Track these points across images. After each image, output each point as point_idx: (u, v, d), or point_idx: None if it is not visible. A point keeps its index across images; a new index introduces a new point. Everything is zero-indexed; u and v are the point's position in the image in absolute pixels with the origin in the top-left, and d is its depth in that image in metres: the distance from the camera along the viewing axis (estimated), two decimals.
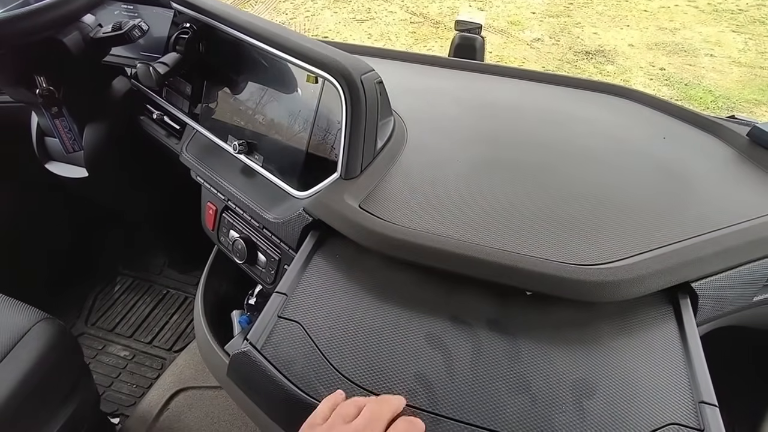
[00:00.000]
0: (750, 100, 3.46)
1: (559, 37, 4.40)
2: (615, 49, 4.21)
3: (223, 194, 0.76)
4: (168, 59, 0.74)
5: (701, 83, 3.69)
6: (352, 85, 0.58)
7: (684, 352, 0.48)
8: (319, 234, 0.59)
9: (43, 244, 1.25)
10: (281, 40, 0.64)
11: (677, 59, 4.01)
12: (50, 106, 0.79)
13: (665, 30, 4.48)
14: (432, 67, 0.94)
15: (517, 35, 4.47)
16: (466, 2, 5.02)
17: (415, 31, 4.54)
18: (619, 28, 4.54)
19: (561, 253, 0.53)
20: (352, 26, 4.63)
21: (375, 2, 4.96)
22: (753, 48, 4.04)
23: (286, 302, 0.51)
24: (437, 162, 0.67)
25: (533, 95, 0.85)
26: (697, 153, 0.71)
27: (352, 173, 0.61)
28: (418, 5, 4.93)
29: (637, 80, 3.79)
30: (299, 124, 0.67)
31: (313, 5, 4.88)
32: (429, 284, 0.54)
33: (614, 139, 0.74)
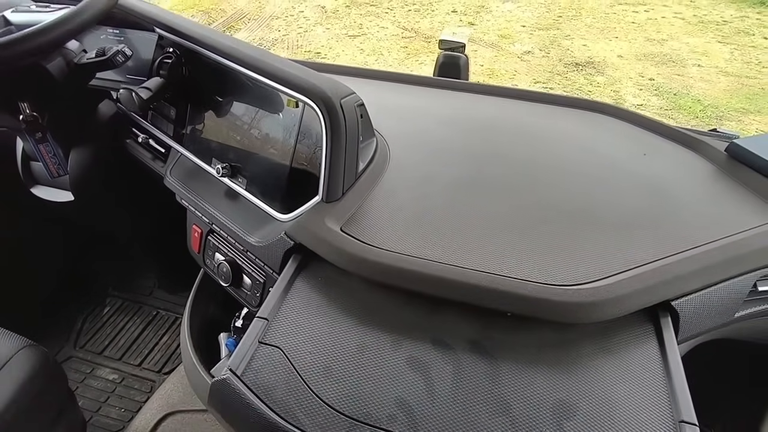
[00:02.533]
0: (738, 109, 3.50)
1: (549, 50, 4.45)
2: (605, 61, 4.26)
3: (207, 217, 0.76)
4: (151, 84, 0.74)
5: (690, 93, 3.74)
6: (331, 110, 0.58)
7: (665, 372, 0.48)
8: (300, 257, 0.59)
9: (32, 267, 1.24)
10: (263, 65, 0.65)
11: (666, 69, 4.07)
12: (34, 132, 0.79)
13: (653, 41, 4.54)
14: (415, 86, 0.95)
15: (507, 48, 4.52)
16: (456, 17, 5.08)
17: (407, 45, 4.58)
18: (608, 40, 4.60)
19: (541, 273, 0.53)
20: (345, 42, 4.67)
21: (367, 18, 5.01)
22: (739, 58, 4.10)
23: (267, 327, 0.51)
24: (420, 182, 0.67)
25: (516, 113, 0.86)
26: (677, 169, 0.72)
27: (334, 196, 0.61)
28: (409, 21, 4.98)
29: (627, 90, 3.83)
30: (281, 148, 0.68)
31: (306, 22, 4.93)
32: (410, 307, 0.54)
33: (594, 156, 0.74)
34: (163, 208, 1.15)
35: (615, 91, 3.85)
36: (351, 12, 5.10)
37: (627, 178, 0.69)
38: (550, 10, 5.12)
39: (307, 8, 5.14)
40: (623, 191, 0.67)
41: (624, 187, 0.68)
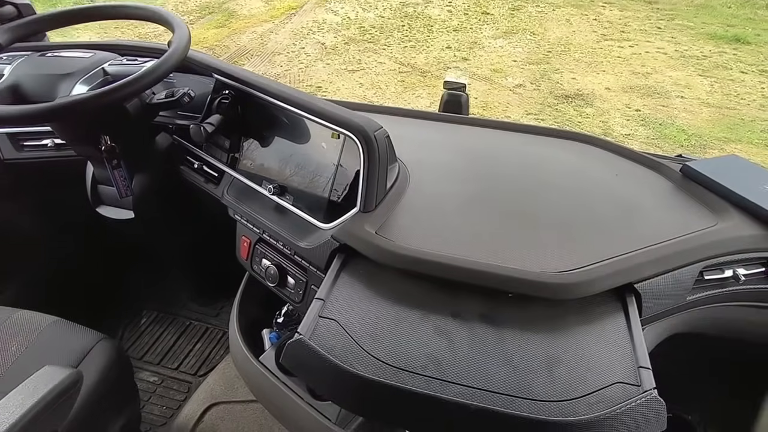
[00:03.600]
0: (720, 138, 3.70)
1: (539, 83, 4.67)
2: (593, 93, 4.47)
3: (258, 228, 0.91)
4: (213, 120, 0.91)
5: (675, 123, 3.94)
6: (368, 140, 0.75)
7: (629, 336, 0.63)
8: (344, 255, 0.75)
9: (81, 280, 1.39)
10: (309, 105, 0.82)
11: (651, 101, 4.28)
12: (111, 160, 0.95)
13: (638, 74, 4.77)
14: (425, 121, 1.12)
15: (500, 82, 4.73)
16: (451, 53, 5.33)
17: (404, 80, 4.78)
18: (595, 74, 4.83)
19: (535, 264, 0.69)
20: (344, 76, 4.88)
21: (365, 54, 5.25)
22: (719, 90, 4.34)
23: (323, 306, 0.66)
24: (434, 198, 0.83)
25: (509, 142, 1.03)
26: (640, 186, 0.88)
27: (369, 207, 0.77)
28: (405, 56, 5.21)
29: (615, 121, 4.03)
30: (323, 170, 0.84)
31: (306, 57, 5.15)
32: (432, 290, 0.69)
33: (575, 176, 0.91)
34: (201, 230, 1.31)
35: (603, 122, 4.05)
36: (350, 48, 5.34)
37: (601, 192, 0.86)
38: (539, 46, 5.40)
39: (308, 45, 5.38)
40: (598, 203, 0.84)
41: (598, 199, 0.84)
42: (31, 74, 0.88)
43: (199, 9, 6.17)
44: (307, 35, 5.49)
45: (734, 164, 0.93)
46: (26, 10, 1.09)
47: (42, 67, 0.90)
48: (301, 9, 6.17)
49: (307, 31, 5.58)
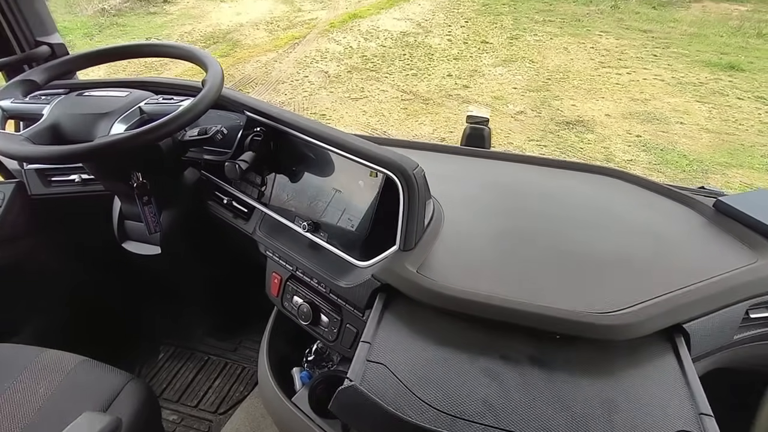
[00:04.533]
0: (721, 163, 3.74)
1: (540, 110, 4.74)
2: (593, 119, 4.53)
3: (291, 265, 0.91)
4: (247, 157, 0.91)
5: (675, 148, 3.99)
6: (408, 179, 0.75)
7: (683, 377, 0.62)
8: (386, 295, 0.74)
9: (100, 316, 1.37)
10: (344, 143, 0.82)
11: (651, 127, 4.34)
12: (143, 196, 0.95)
13: (637, 101, 4.86)
14: (449, 155, 1.13)
15: (501, 109, 4.80)
16: (452, 80, 5.42)
17: (407, 107, 4.85)
18: (595, 100, 4.92)
19: (581, 304, 0.68)
20: (348, 104, 4.94)
21: (368, 82, 5.34)
22: (717, 116, 4.42)
23: (370, 349, 0.65)
24: (470, 234, 0.83)
25: (535, 176, 1.04)
26: (673, 221, 0.89)
27: (409, 246, 0.77)
28: (407, 84, 5.30)
29: (616, 147, 4.07)
30: (357, 208, 0.84)
31: (310, 86, 5.23)
32: (477, 330, 0.68)
33: (604, 211, 0.91)
34: (224, 265, 1.30)
35: (605, 148, 4.09)
36: (353, 77, 5.43)
37: (635, 228, 0.86)
38: (539, 74, 5.51)
39: (311, 73, 5.47)
40: (633, 239, 0.84)
41: (633, 235, 0.84)
42: (70, 114, 0.89)
43: (204, 38, 6.29)
44: (311, 64, 5.59)
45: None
46: (60, 50, 1.11)
47: (80, 106, 0.91)
48: (304, 39, 6.30)
49: (311, 60, 5.68)
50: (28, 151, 0.78)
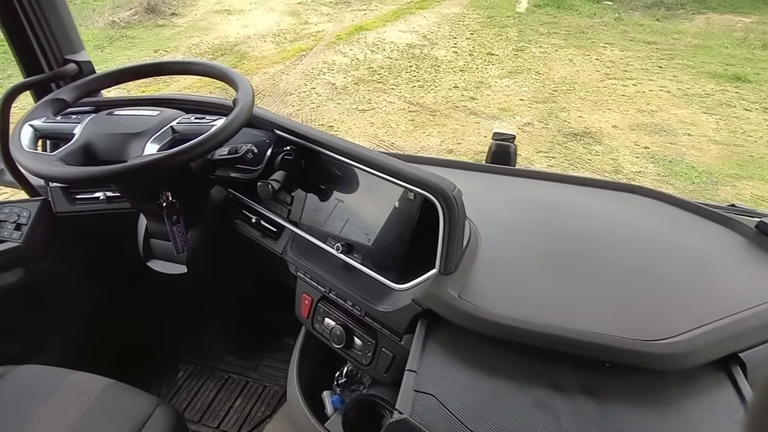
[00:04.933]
0: (731, 175, 3.73)
1: (547, 121, 4.74)
2: (600, 131, 4.53)
3: (323, 286, 0.89)
4: (278, 176, 0.90)
5: (684, 160, 3.98)
6: (449, 201, 0.74)
7: (744, 409, 0.60)
8: (427, 321, 0.72)
9: (121, 334, 1.35)
10: (379, 163, 0.81)
11: (659, 139, 4.34)
12: (172, 215, 0.94)
13: (644, 112, 4.86)
14: (475, 172, 1.11)
15: (508, 120, 4.80)
16: (458, 92, 5.44)
17: (414, 119, 4.85)
18: (602, 112, 4.92)
19: (629, 330, 0.67)
20: (355, 116, 4.95)
21: (375, 94, 5.35)
22: (725, 128, 4.41)
23: (417, 378, 0.63)
24: (509, 257, 0.82)
25: (566, 195, 1.03)
26: (716, 243, 0.87)
27: (450, 269, 0.75)
28: (414, 96, 5.32)
29: (624, 159, 4.07)
30: (392, 229, 0.82)
31: (318, 98, 5.24)
32: (524, 358, 0.66)
33: (644, 231, 0.90)
34: (249, 283, 1.29)
35: (613, 159, 4.08)
36: (359, 88, 5.45)
37: (676, 250, 0.85)
38: (545, 85, 5.53)
39: (318, 85, 5.49)
40: (675, 262, 0.82)
41: (675, 258, 0.83)
42: (102, 133, 0.88)
43: (212, 50, 6.33)
44: (318, 76, 5.62)
45: None
46: (87, 67, 1.11)
47: (112, 126, 0.90)
48: (311, 51, 6.34)
49: (318, 72, 5.71)
50: (63, 173, 0.77)
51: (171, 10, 7.74)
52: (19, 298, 1.11)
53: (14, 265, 1.08)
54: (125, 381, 0.93)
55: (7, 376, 0.89)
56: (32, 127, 0.88)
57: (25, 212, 1.09)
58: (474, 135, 4.52)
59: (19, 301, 1.12)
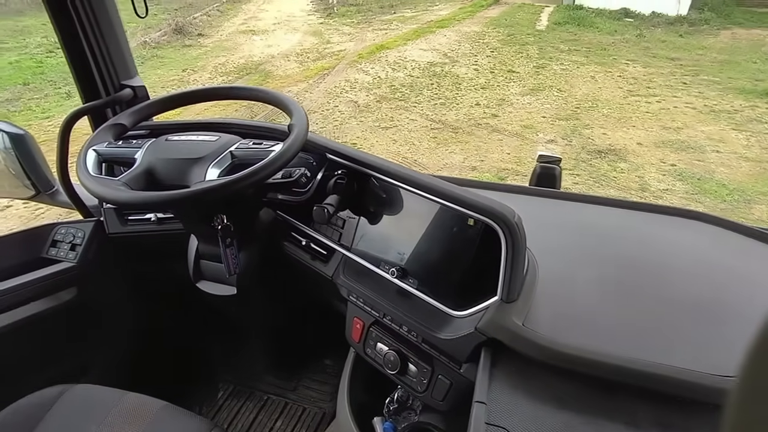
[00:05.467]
0: (765, 193, 3.63)
1: (571, 138, 4.71)
2: (625, 148, 4.48)
3: (377, 311, 0.89)
4: (332, 200, 0.91)
5: (713, 177, 3.90)
6: (511, 228, 0.73)
7: None
8: (492, 350, 0.72)
9: (163, 352, 1.37)
10: (436, 188, 0.81)
11: (685, 156, 4.26)
12: (226, 238, 0.96)
13: (669, 129, 4.79)
14: (520, 195, 1.11)
15: (531, 137, 4.78)
16: (480, 109, 5.45)
17: (436, 136, 4.87)
18: (625, 129, 4.87)
19: (703, 364, 0.64)
20: (378, 133, 4.99)
21: (397, 111, 5.40)
22: (756, 144, 4.32)
23: (488, 410, 0.62)
24: (569, 284, 0.80)
25: (619, 219, 1.01)
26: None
27: (512, 297, 0.73)
28: (436, 113, 5.35)
29: (650, 176, 4.00)
30: (448, 254, 0.82)
31: (341, 115, 5.31)
32: (594, 391, 0.65)
33: (707, 257, 0.88)
34: (289, 304, 1.29)
35: (639, 177, 4.02)
36: (382, 106, 5.51)
37: (743, 278, 0.82)
38: (567, 102, 5.51)
39: (341, 103, 5.57)
40: (740, 289, 0.80)
41: (739, 286, 0.80)
42: (163, 158, 0.91)
43: (238, 70, 6.49)
44: (340, 94, 5.71)
45: None
46: (141, 92, 1.14)
47: (172, 151, 0.92)
48: (333, 69, 6.45)
49: (340, 90, 5.80)
50: (130, 197, 0.79)
51: (198, 30, 8.00)
52: (72, 317, 1.13)
53: (69, 285, 1.10)
54: (165, 399, 0.93)
55: (65, 395, 0.91)
56: (96, 152, 0.91)
57: (79, 233, 1.12)
58: (497, 152, 4.51)
59: (71, 320, 1.14)
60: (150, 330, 1.33)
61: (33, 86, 6.02)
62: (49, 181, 1.14)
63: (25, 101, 5.64)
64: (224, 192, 0.80)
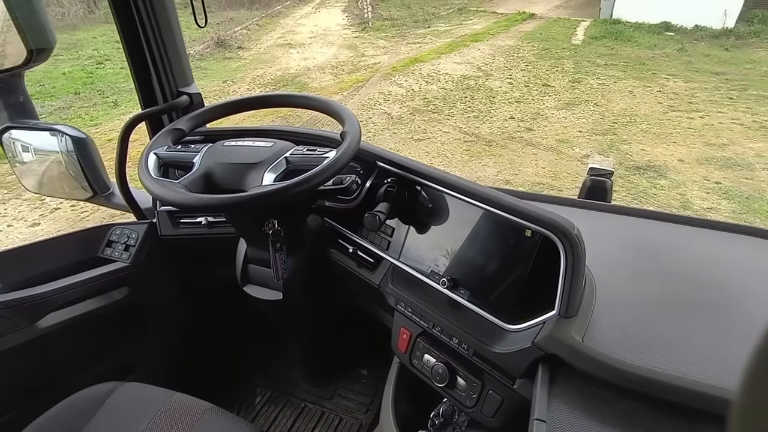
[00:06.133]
0: None
1: (608, 154, 4.59)
2: (665, 165, 4.33)
3: (426, 321, 0.88)
4: (383, 208, 0.91)
5: (763, 197, 3.72)
6: (572, 241, 0.71)
7: None
8: (549, 366, 0.69)
9: (203, 354, 1.39)
10: (494, 199, 0.80)
11: (732, 174, 4.09)
12: (276, 243, 0.97)
13: (714, 146, 4.61)
14: (571, 208, 1.08)
15: (566, 152, 4.69)
16: (514, 123, 5.39)
17: (469, 149, 4.83)
18: (666, 145, 4.72)
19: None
20: (411, 145, 5.00)
21: (430, 124, 5.41)
22: None
23: (548, 429, 0.60)
24: (627, 300, 0.77)
25: (677, 235, 0.97)
26: None
27: (571, 312, 0.71)
28: (469, 126, 5.32)
29: (693, 194, 3.86)
30: (505, 267, 0.80)
31: (374, 127, 5.35)
32: (659, 414, 0.61)
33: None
34: (333, 311, 1.29)
35: (681, 194, 3.88)
36: (415, 118, 5.53)
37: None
38: (604, 117, 5.40)
39: (375, 115, 5.62)
40: None
41: None
42: (221, 163, 0.93)
43: (275, 81, 6.66)
44: (374, 106, 5.76)
45: None
46: (197, 99, 1.18)
47: (230, 156, 0.94)
48: (367, 82, 6.53)
49: (374, 102, 5.86)
50: (191, 200, 0.81)
51: (238, 44, 8.27)
52: (121, 317, 1.17)
53: (121, 284, 1.13)
54: (205, 399, 0.94)
55: (116, 392, 0.93)
56: (156, 155, 0.94)
57: (133, 234, 1.15)
58: (531, 166, 4.45)
59: (120, 320, 1.17)
60: (194, 331, 1.36)
61: (83, 95, 6.34)
62: (105, 184, 1.19)
63: (75, 109, 5.93)
64: (281, 196, 0.81)
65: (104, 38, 9.05)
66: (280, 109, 5.31)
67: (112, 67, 7.42)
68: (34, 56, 0.97)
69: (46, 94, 6.40)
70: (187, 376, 1.22)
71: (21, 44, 0.96)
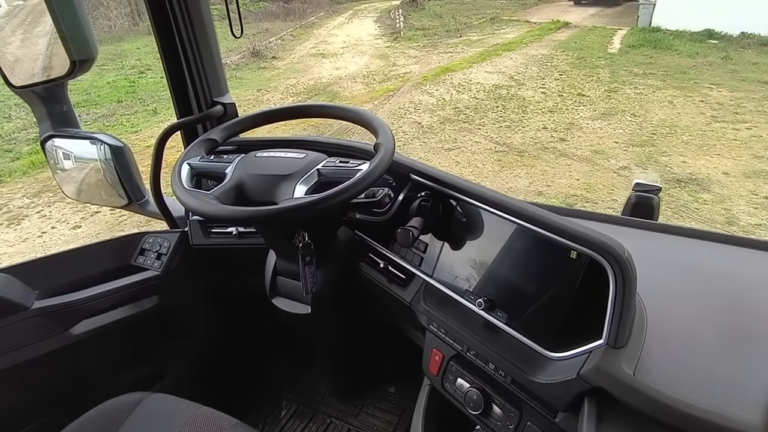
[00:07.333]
0: None
1: (646, 165, 4.42)
2: (708, 178, 4.13)
3: (460, 344, 0.83)
4: (416, 223, 0.88)
5: None
6: (623, 265, 0.66)
7: None
8: (596, 400, 0.64)
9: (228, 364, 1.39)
10: (537, 217, 0.75)
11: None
12: (306, 256, 0.95)
13: (762, 159, 4.38)
14: (614, 225, 1.01)
15: (602, 164, 4.54)
16: (547, 133, 5.27)
17: (501, 159, 4.75)
18: (709, 157, 4.51)
19: None
20: (441, 154, 4.95)
21: (460, 133, 5.35)
22: None
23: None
24: (682, 330, 0.71)
25: (735, 259, 0.90)
26: None
27: (621, 343, 0.65)
28: (501, 136, 5.24)
29: (739, 209, 3.67)
30: (547, 290, 0.74)
31: (404, 136, 5.33)
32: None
33: None
34: (361, 326, 1.26)
35: (726, 209, 3.69)
36: (445, 128, 5.48)
37: None
38: (642, 128, 5.21)
39: (405, 124, 5.60)
40: None
41: None
42: (252, 174, 0.92)
43: (307, 90, 6.75)
44: (404, 115, 5.75)
45: None
46: (231, 109, 1.19)
47: (261, 167, 0.94)
48: (398, 91, 6.53)
49: (404, 111, 5.85)
50: (221, 212, 0.80)
51: (272, 54, 8.46)
52: (151, 325, 1.17)
53: (152, 293, 1.14)
54: (231, 411, 0.92)
55: (143, 402, 0.93)
56: (189, 165, 0.94)
57: (165, 242, 1.16)
58: (565, 177, 4.33)
59: (150, 328, 1.17)
60: (221, 341, 1.35)
61: (125, 103, 6.59)
62: (141, 192, 1.20)
63: (117, 117, 6.16)
64: (312, 210, 0.79)
65: (146, 49, 9.41)
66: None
67: (153, 77, 7.69)
68: (77, 67, 0.98)
69: (92, 102, 6.68)
70: (214, 386, 1.22)
71: (65, 55, 0.98)
